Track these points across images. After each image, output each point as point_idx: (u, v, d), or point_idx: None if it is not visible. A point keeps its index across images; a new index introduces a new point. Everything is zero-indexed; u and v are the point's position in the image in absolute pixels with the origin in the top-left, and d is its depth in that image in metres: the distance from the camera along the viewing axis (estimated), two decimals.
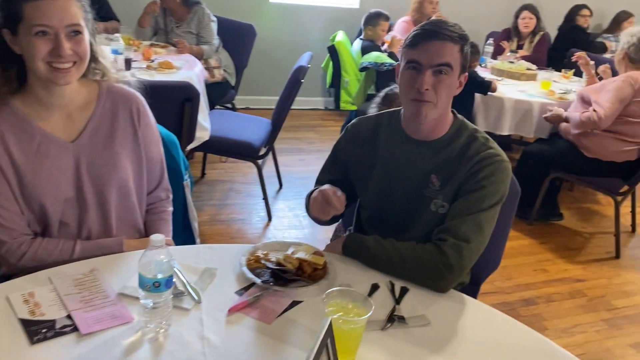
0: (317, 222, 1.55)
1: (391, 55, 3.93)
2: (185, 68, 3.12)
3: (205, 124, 2.92)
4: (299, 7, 5.11)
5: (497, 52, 4.79)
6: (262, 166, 3.24)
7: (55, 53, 1.24)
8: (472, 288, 1.74)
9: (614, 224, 3.30)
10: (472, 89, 3.46)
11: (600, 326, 2.59)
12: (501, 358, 1.14)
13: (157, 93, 1.63)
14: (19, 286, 1.19)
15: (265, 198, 3.24)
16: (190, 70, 3.11)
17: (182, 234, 1.83)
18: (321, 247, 1.46)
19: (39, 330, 1.06)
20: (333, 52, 4.20)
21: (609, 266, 3.16)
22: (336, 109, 4.74)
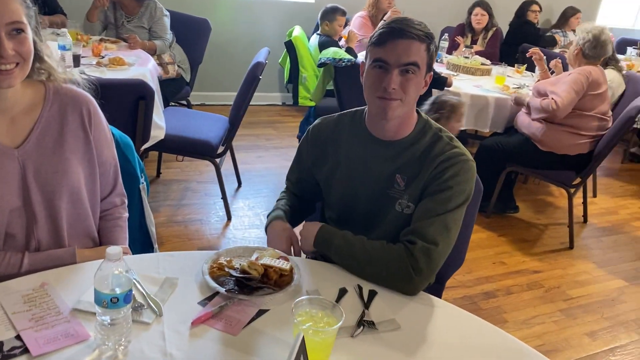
0: None
1: (349, 50, 3.91)
2: (137, 64, 3.00)
3: (160, 123, 2.82)
4: (254, 1, 5.03)
5: (452, 48, 4.85)
6: (220, 164, 3.17)
7: None
8: (437, 286, 1.74)
9: (568, 215, 3.39)
10: (429, 85, 3.47)
11: (557, 316, 2.65)
12: (470, 358, 1.13)
13: (109, 92, 1.54)
14: None
15: (224, 197, 3.17)
16: (143, 66, 3.00)
17: (140, 240, 1.75)
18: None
19: None
20: (290, 48, 4.15)
21: (564, 257, 3.26)
22: (294, 105, 4.70)
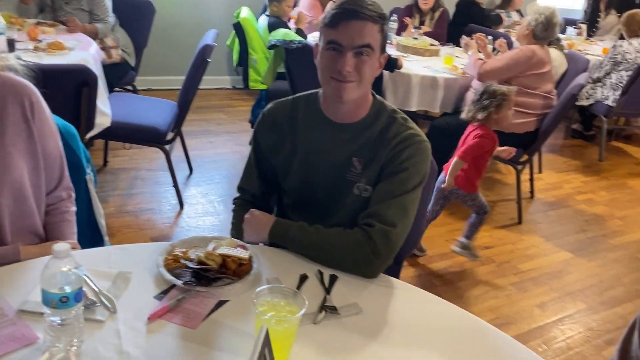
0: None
1: (299, 32, 3.86)
2: (78, 49, 2.86)
3: (105, 109, 2.71)
4: None
5: (401, 29, 4.86)
6: (170, 151, 3.08)
7: None
8: (395, 267, 1.75)
9: (516, 192, 3.49)
10: None
11: (509, 290, 2.74)
12: (431, 338, 1.14)
13: (50, 78, 1.46)
14: None
15: (175, 185, 3.09)
16: (84, 51, 2.86)
17: (89, 234, 1.68)
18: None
19: None
20: (239, 29, 4.06)
21: (513, 232, 3.36)
22: (245, 88, 4.61)
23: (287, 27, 3.95)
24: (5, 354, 0.96)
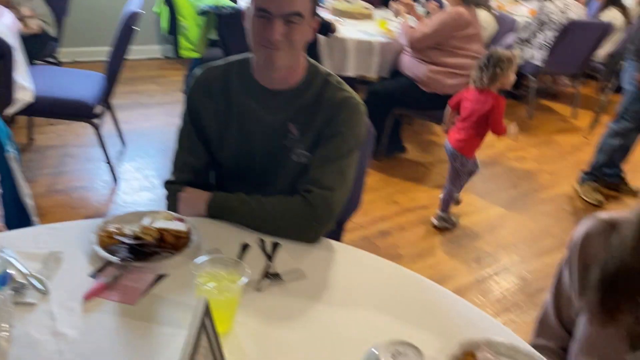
0: None
1: None
2: None
3: (25, 84, 2.54)
4: None
5: None
6: (100, 126, 2.94)
7: None
8: (337, 231, 1.77)
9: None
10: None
11: (447, 247, 2.84)
12: (372, 297, 1.16)
13: None
14: None
15: (107, 161, 2.97)
16: None
17: (15, 215, 1.59)
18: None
19: None
20: None
21: None
22: (177, 57, 4.45)
23: None
24: None
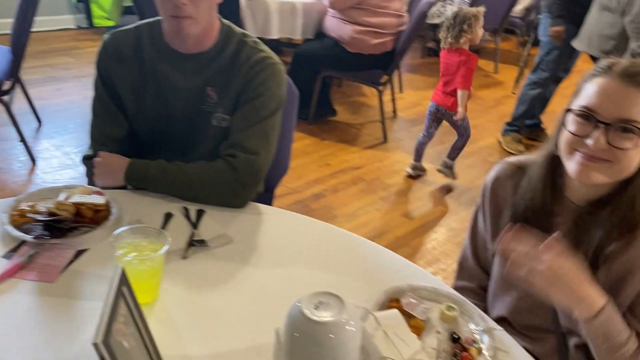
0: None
1: None
2: None
3: None
4: None
5: None
6: (11, 103, 2.77)
7: None
8: (267, 195, 1.77)
9: (379, 112, 3.64)
10: None
11: (379, 205, 2.91)
12: (302, 256, 1.18)
13: None
14: None
15: (23, 140, 2.80)
16: None
17: None
18: None
19: None
20: None
21: (380, 150, 3.53)
22: (91, 27, 4.22)
23: None
24: None
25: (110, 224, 1.15)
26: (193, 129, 1.39)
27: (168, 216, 1.23)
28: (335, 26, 3.45)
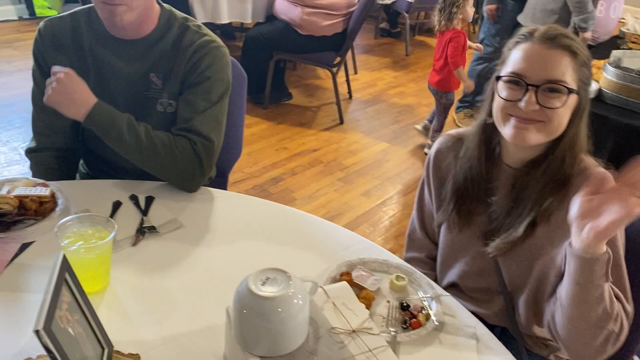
0: None
1: None
2: None
3: None
4: None
5: None
6: None
7: None
8: (221, 180, 1.76)
9: (335, 94, 3.66)
10: None
11: (337, 185, 2.93)
12: (254, 236, 1.18)
13: None
14: None
15: None
16: None
17: None
18: None
19: None
20: None
21: (336, 132, 3.55)
22: (33, 17, 4.06)
23: None
24: None
25: (56, 215, 1.13)
26: (138, 116, 1.36)
27: (116, 205, 1.22)
28: (285, 9, 3.43)
